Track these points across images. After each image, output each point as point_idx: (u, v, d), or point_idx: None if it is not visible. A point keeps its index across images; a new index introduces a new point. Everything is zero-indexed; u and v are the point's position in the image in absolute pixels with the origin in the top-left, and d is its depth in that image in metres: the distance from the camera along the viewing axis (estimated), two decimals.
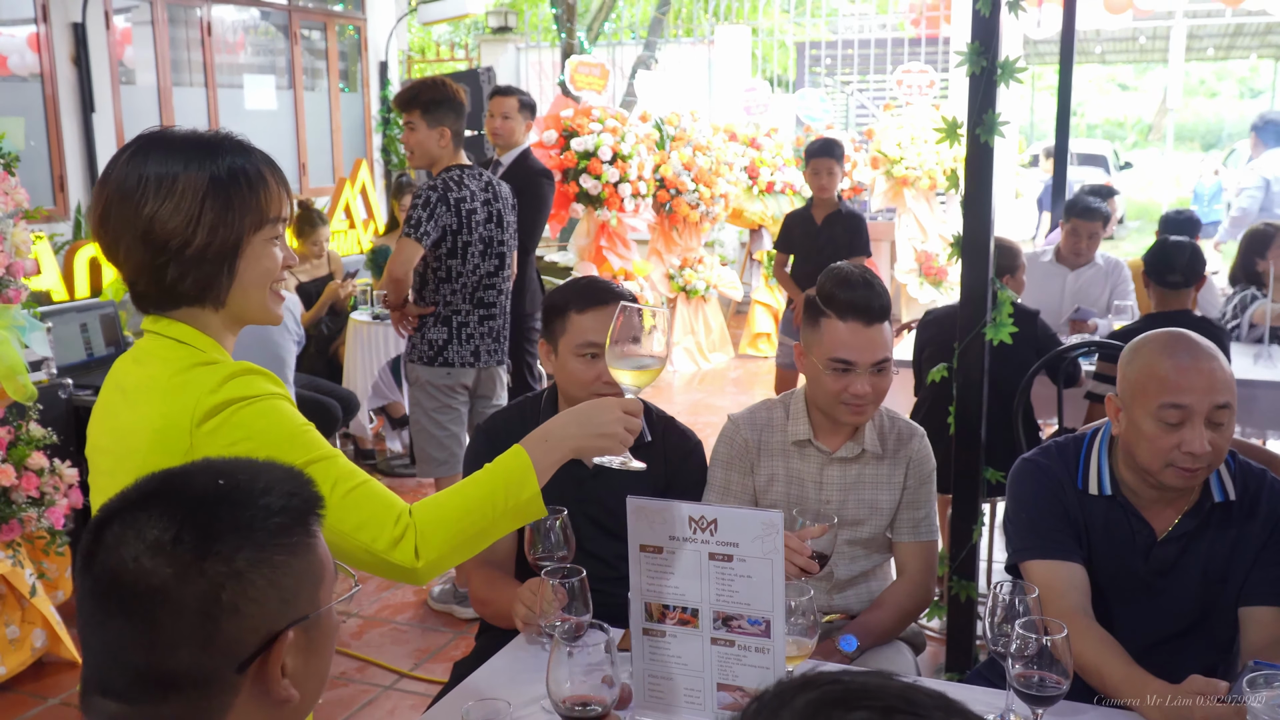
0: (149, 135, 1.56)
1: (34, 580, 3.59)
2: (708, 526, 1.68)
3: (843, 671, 0.79)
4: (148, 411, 1.52)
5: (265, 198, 1.57)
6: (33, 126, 6.45)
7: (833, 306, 2.27)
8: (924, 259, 8.96)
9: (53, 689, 3.62)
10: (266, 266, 1.59)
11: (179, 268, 1.53)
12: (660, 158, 7.93)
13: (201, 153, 1.53)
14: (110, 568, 1.01)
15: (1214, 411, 1.88)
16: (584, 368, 2.27)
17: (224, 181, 1.52)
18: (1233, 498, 1.98)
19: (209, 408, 1.48)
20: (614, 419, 1.64)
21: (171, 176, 1.51)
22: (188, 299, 1.56)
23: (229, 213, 1.53)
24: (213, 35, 7.90)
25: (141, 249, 1.52)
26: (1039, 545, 2.03)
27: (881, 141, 8.93)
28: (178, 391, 1.50)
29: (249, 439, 1.47)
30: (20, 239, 3.64)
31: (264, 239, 1.58)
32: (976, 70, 2.82)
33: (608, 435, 1.64)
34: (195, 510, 1.02)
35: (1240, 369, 4.24)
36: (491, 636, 2.30)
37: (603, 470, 2.31)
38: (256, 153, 1.60)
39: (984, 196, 2.89)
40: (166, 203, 1.50)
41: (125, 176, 1.52)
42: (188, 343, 1.56)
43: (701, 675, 1.75)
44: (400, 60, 10.52)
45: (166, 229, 1.51)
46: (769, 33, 12.30)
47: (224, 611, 1.00)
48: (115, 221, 1.53)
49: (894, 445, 2.39)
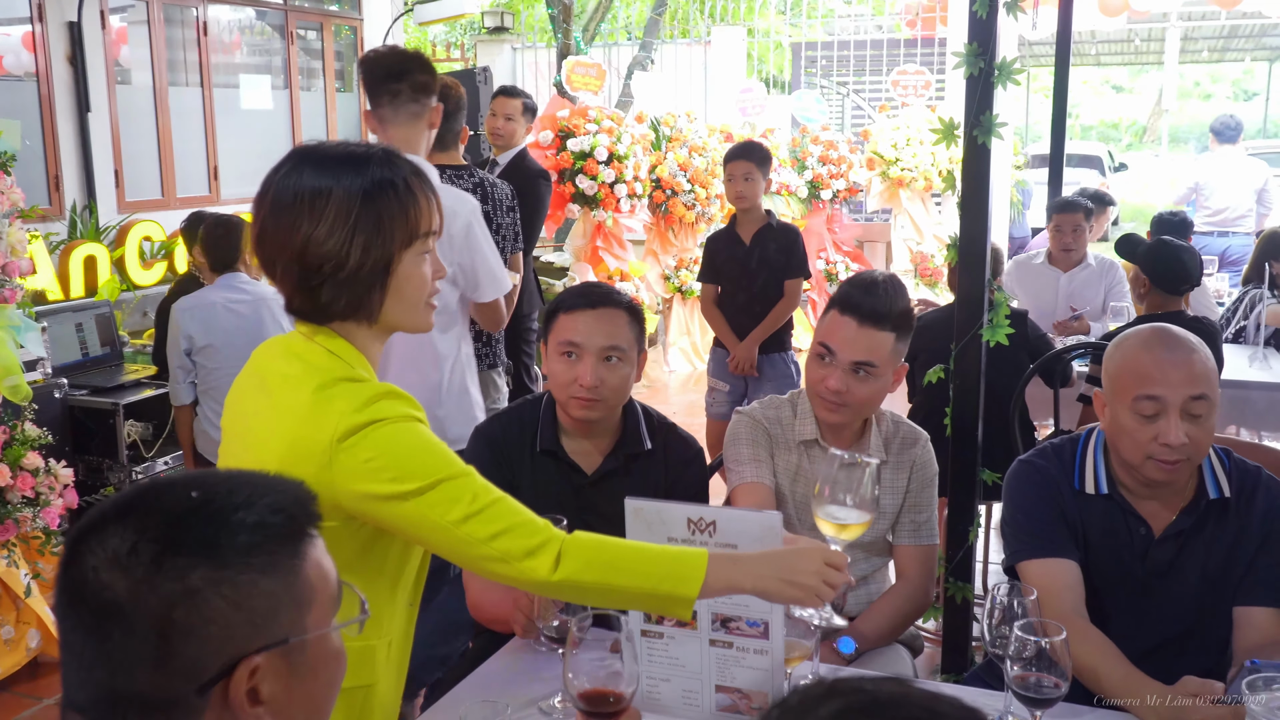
0: (302, 151, 1.60)
1: (29, 580, 3.59)
2: (706, 528, 1.68)
3: (865, 679, 0.78)
4: (290, 421, 1.55)
5: (415, 214, 1.58)
6: (28, 126, 6.43)
7: (838, 299, 2.30)
8: (920, 260, 8.97)
9: (48, 689, 3.61)
10: (418, 282, 1.61)
11: (333, 289, 1.56)
12: (656, 158, 7.93)
13: (352, 168, 1.55)
14: (74, 579, 0.97)
15: (1189, 403, 1.89)
16: (563, 368, 2.22)
17: (374, 200, 1.54)
18: (1228, 494, 1.98)
19: (351, 426, 1.50)
20: (813, 570, 1.56)
21: (324, 195, 1.53)
22: (341, 315, 1.59)
23: (379, 233, 1.55)
24: (209, 35, 7.88)
25: (296, 269, 1.56)
26: (1035, 545, 2.02)
27: (877, 143, 8.94)
28: (323, 406, 1.53)
29: (384, 454, 1.50)
30: (16, 238, 3.63)
31: (415, 254, 1.60)
32: (974, 71, 2.82)
33: (800, 585, 1.55)
34: (160, 523, 0.97)
35: (1237, 371, 4.26)
36: (488, 639, 2.29)
37: (601, 478, 2.32)
38: (405, 165, 1.60)
39: (981, 198, 2.89)
40: (320, 226, 1.53)
41: (279, 195, 1.56)
42: (337, 354, 1.59)
43: (700, 677, 1.75)
44: None
45: (321, 252, 1.53)
46: (765, 34, 12.30)
47: (177, 631, 0.95)
48: (271, 241, 1.57)
49: (899, 449, 2.39)
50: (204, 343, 3.93)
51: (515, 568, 1.49)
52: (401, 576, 1.66)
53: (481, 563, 1.51)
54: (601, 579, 1.51)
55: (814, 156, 8.93)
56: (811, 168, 8.90)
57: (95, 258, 6.15)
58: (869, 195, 9.20)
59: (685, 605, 1.53)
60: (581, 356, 2.21)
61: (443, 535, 1.50)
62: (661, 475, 2.35)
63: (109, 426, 4.57)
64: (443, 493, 1.49)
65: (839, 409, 2.27)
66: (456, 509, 1.49)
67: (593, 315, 2.24)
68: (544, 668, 1.98)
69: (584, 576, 1.50)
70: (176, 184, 7.56)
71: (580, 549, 1.51)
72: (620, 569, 1.52)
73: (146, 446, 4.70)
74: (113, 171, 7.03)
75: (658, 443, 2.38)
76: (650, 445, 2.35)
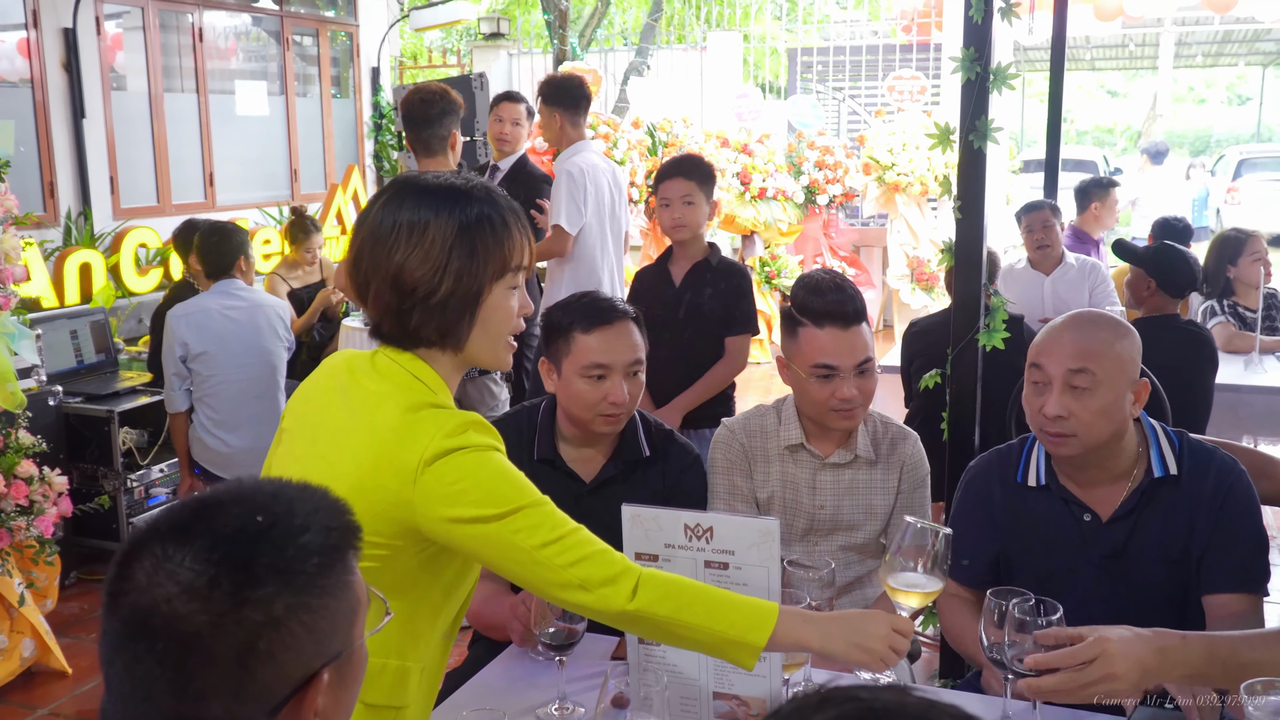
0: (404, 181, 1.63)
1: (23, 589, 3.57)
2: (703, 534, 1.67)
3: (860, 688, 0.78)
4: (378, 438, 1.56)
5: (509, 247, 1.61)
6: (23, 132, 6.42)
7: (808, 314, 2.28)
8: (916, 265, 8.97)
9: (42, 699, 3.60)
10: (504, 315, 1.64)
11: (423, 314, 1.59)
12: (653, 164, 7.94)
13: (452, 201, 1.59)
14: (142, 608, 0.95)
15: (1069, 375, 1.95)
16: (589, 389, 2.24)
17: (471, 230, 1.58)
18: (1174, 472, 1.99)
19: (439, 450, 1.53)
20: (882, 635, 1.59)
21: (423, 224, 1.57)
22: (427, 342, 1.62)
23: (473, 261, 1.58)
24: (204, 41, 7.88)
25: (389, 293, 1.59)
26: (960, 574, 2.07)
27: (874, 148, 8.95)
28: (412, 428, 1.55)
29: (469, 479, 1.53)
30: (10, 245, 3.62)
31: (505, 287, 1.63)
32: (970, 76, 2.82)
33: (868, 650, 1.58)
34: (232, 551, 0.97)
35: (1232, 375, 4.26)
36: (485, 646, 2.28)
37: (600, 485, 2.32)
38: (503, 201, 1.64)
39: (977, 202, 2.89)
40: (416, 251, 1.56)
41: (380, 222, 1.59)
42: (422, 379, 1.62)
43: (697, 684, 1.74)
44: (392, 66, 10.51)
45: (414, 276, 1.57)
46: (760, 39, 12.31)
47: (259, 660, 0.95)
48: (367, 265, 1.60)
49: (887, 449, 2.39)
50: (199, 349, 3.93)
51: (593, 594, 1.53)
52: (445, 605, 1.68)
53: (559, 588, 1.54)
54: (674, 615, 1.54)
55: (810, 162, 8.93)
56: (808, 173, 8.91)
57: (90, 264, 6.13)
58: (865, 200, 9.20)
59: (751, 654, 1.54)
60: (609, 375, 2.23)
61: (522, 558, 1.53)
62: (660, 482, 2.35)
63: (104, 434, 4.55)
64: (524, 518, 1.53)
65: (855, 412, 2.29)
66: (537, 535, 1.53)
67: (612, 332, 2.25)
68: (541, 675, 1.97)
69: (658, 610, 1.53)
70: (172, 190, 7.55)
71: (657, 583, 1.55)
72: (693, 608, 1.54)
73: (141, 454, 4.69)
74: (108, 178, 7.01)
75: (656, 450, 2.38)
76: (649, 452, 2.35)
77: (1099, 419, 1.94)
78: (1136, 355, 2.01)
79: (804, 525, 2.37)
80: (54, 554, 3.67)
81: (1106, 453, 2.00)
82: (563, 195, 4.55)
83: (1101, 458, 2.01)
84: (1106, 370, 1.94)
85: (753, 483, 2.38)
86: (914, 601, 1.69)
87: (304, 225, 5.99)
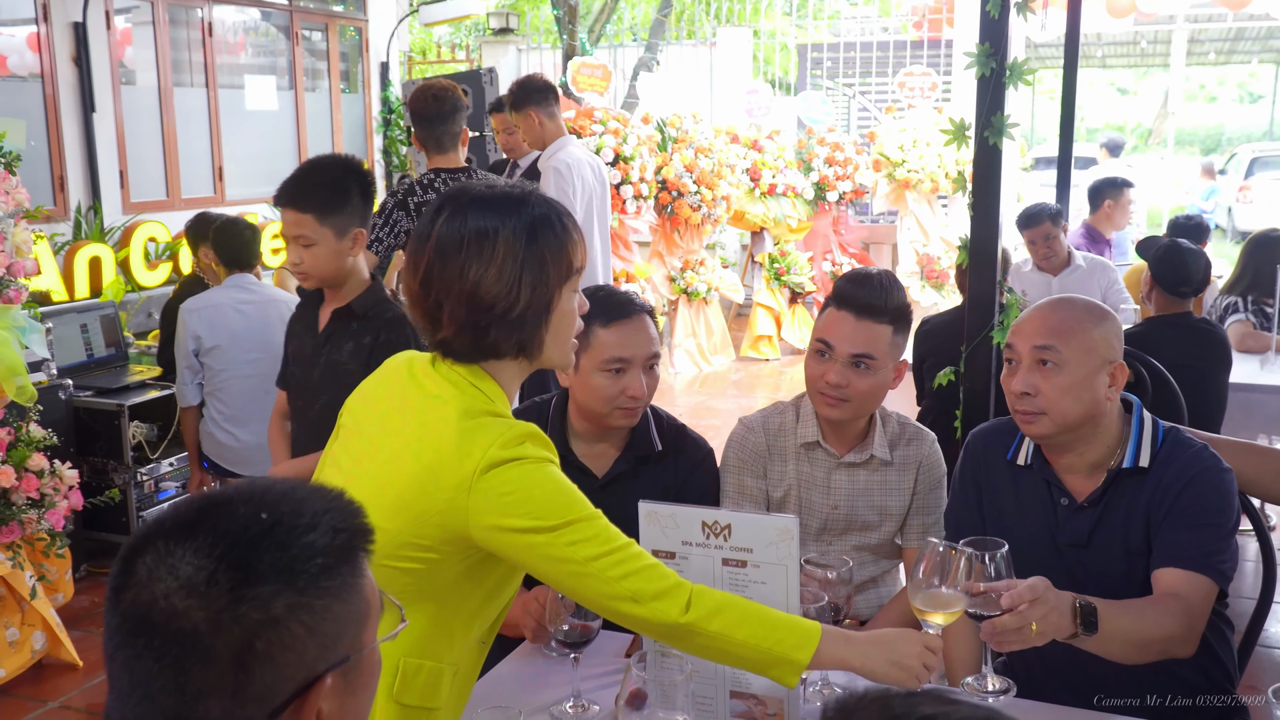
0: (459, 193, 1.62)
1: (34, 582, 3.57)
2: (721, 532, 1.66)
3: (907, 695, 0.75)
4: (434, 443, 1.56)
5: (571, 249, 1.63)
6: (33, 126, 6.42)
7: (835, 295, 2.29)
8: (926, 262, 8.94)
9: (52, 692, 3.60)
10: (572, 318, 1.66)
11: (502, 329, 1.59)
12: (662, 159, 7.92)
13: (514, 210, 1.59)
14: (141, 603, 0.93)
15: (1036, 351, 1.97)
16: (608, 383, 2.23)
17: (536, 239, 1.59)
18: (1144, 464, 1.98)
19: (495, 459, 1.53)
20: (916, 653, 1.62)
21: (492, 236, 1.57)
22: (506, 354, 1.62)
23: (544, 271, 1.59)
24: (214, 36, 7.87)
25: (465, 311, 1.58)
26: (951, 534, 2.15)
27: (884, 144, 8.92)
28: (469, 435, 1.55)
29: (523, 490, 1.53)
30: (21, 239, 3.62)
31: (570, 290, 1.65)
32: (985, 72, 2.81)
33: (903, 667, 1.61)
34: (234, 548, 0.95)
35: (1247, 374, 4.23)
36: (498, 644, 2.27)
37: (611, 481, 2.31)
38: (557, 205, 1.65)
39: (992, 199, 2.88)
40: (490, 267, 1.56)
41: (445, 239, 1.58)
42: (481, 388, 1.62)
43: (714, 683, 1.73)
44: (401, 61, 10.50)
45: (491, 293, 1.57)
46: (770, 35, 12.29)
47: (258, 661, 0.93)
48: (437, 286, 1.59)
49: (904, 450, 2.37)
50: (211, 344, 3.92)
51: (646, 607, 1.53)
52: (484, 611, 1.68)
53: (611, 600, 1.54)
54: (725, 630, 1.55)
55: (820, 158, 8.91)
56: (817, 169, 8.89)
57: (100, 259, 6.14)
58: (875, 197, 9.17)
59: (795, 671, 1.57)
60: (628, 370, 2.22)
61: (574, 569, 1.54)
62: (671, 477, 2.35)
63: (114, 428, 4.55)
64: (577, 531, 1.54)
65: (839, 404, 2.26)
66: (590, 547, 1.53)
67: (631, 326, 2.25)
68: (554, 673, 1.96)
69: (710, 625, 1.54)
70: (181, 185, 7.54)
71: (708, 598, 1.56)
72: (744, 625, 1.55)
73: (151, 448, 4.68)
74: (117, 172, 7.01)
75: (668, 445, 2.37)
76: (661, 447, 2.34)
77: (1064, 397, 1.94)
78: (1113, 338, 2.00)
79: (818, 524, 2.35)
80: (64, 547, 3.67)
81: (1081, 436, 1.99)
82: (552, 192, 4.56)
83: (1077, 441, 2.00)
84: (1073, 349, 1.95)
85: (766, 482, 2.37)
86: (940, 620, 1.70)
87: None
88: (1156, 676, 1.96)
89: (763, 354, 8.80)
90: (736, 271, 9.69)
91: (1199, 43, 15.51)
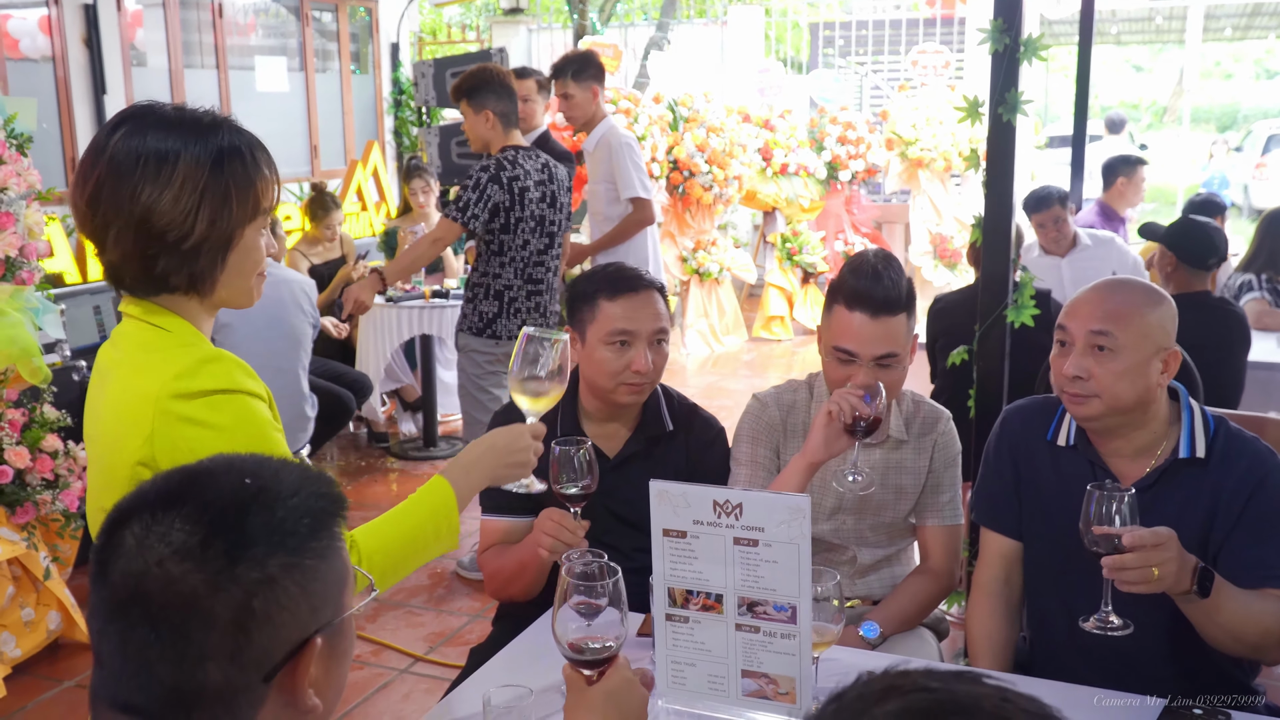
0: (141, 110, 1.50)
1: (48, 563, 3.59)
2: (733, 510, 1.65)
3: (929, 675, 0.73)
4: (115, 388, 1.51)
5: (261, 188, 1.53)
6: (44, 108, 6.42)
7: (843, 293, 2.21)
8: (939, 241, 8.90)
9: (67, 672, 3.62)
10: (255, 257, 1.58)
11: (170, 260, 1.49)
12: (674, 139, 7.88)
13: (200, 135, 1.48)
14: (133, 573, 0.93)
15: (1091, 336, 1.94)
16: (613, 356, 2.22)
17: (223, 171, 1.48)
18: (1200, 455, 1.95)
19: (179, 391, 1.46)
20: (527, 445, 1.74)
21: (172, 160, 1.45)
22: (174, 289, 1.53)
23: (227, 205, 1.49)
24: (224, 17, 7.86)
25: (133, 237, 1.47)
26: (983, 512, 2.18)
27: (896, 123, 8.86)
28: (147, 369, 1.48)
29: (211, 429, 1.46)
30: (33, 221, 3.62)
31: (255, 229, 1.56)
32: (999, 48, 2.78)
33: (522, 463, 1.73)
34: (224, 512, 0.96)
35: (1267, 353, 4.20)
36: (508, 623, 2.28)
37: (623, 462, 2.30)
38: (251, 137, 1.55)
39: (1005, 177, 2.85)
40: (166, 192, 1.45)
41: (119, 156, 1.46)
42: (166, 329, 1.53)
43: (725, 662, 1.72)
44: (411, 42, 10.46)
45: (164, 220, 1.45)
46: (782, 13, 12.21)
47: (256, 621, 0.94)
48: (107, 204, 1.47)
49: (919, 429, 2.35)
50: (224, 322, 3.92)
51: None
52: None
53: None
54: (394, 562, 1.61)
55: (832, 137, 8.85)
56: (830, 148, 8.83)
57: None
58: (887, 176, 9.12)
59: (454, 535, 1.67)
60: (633, 343, 2.21)
61: None
62: (683, 457, 2.34)
63: None
64: None
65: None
66: None
67: (638, 300, 2.24)
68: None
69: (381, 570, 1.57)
70: None
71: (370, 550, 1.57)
72: (406, 545, 1.62)
73: None
74: None
75: (679, 424, 2.36)
76: (672, 427, 2.34)
77: (1119, 381, 1.91)
78: (1168, 324, 1.96)
79: (832, 503, 2.34)
80: (79, 528, 3.69)
81: (1131, 421, 1.96)
82: (630, 165, 4.67)
83: (1125, 426, 1.97)
84: (1130, 334, 1.91)
85: (780, 459, 2.35)
86: (536, 405, 1.82)
87: (324, 201, 5.98)
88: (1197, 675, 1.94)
89: (775, 334, 8.78)
90: (748, 251, 9.66)
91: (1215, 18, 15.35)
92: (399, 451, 5.93)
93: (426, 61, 6.29)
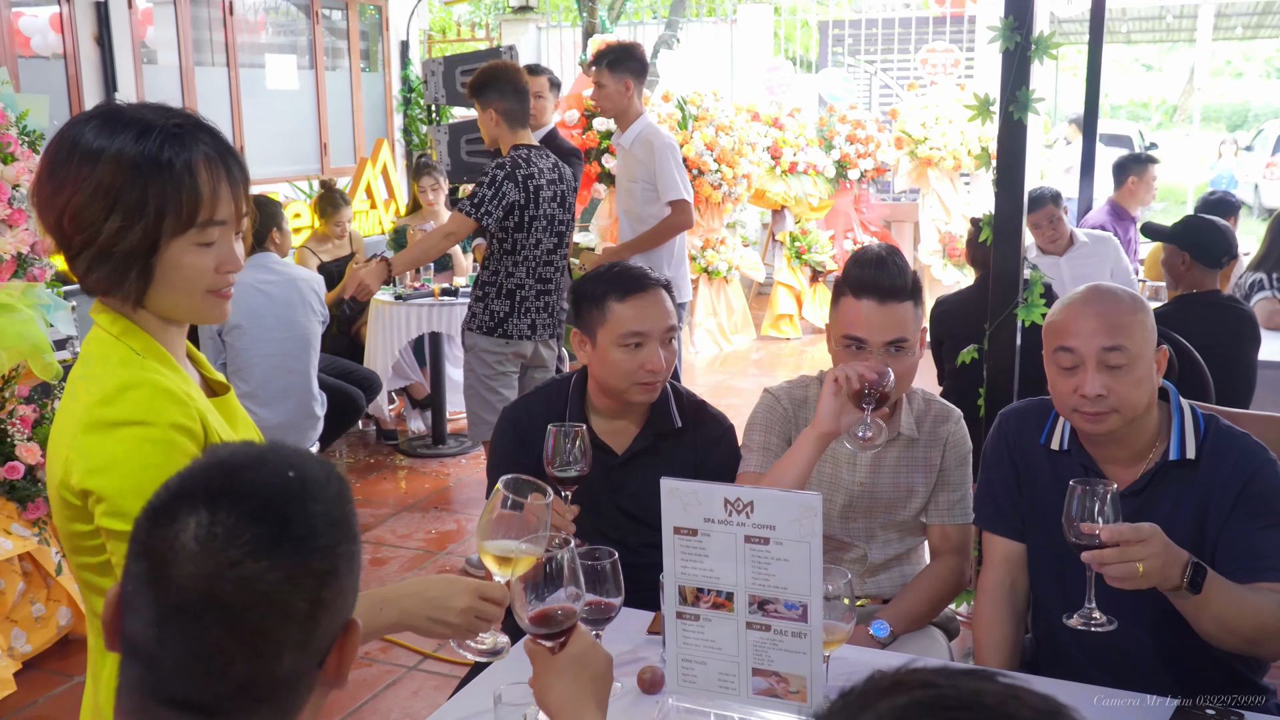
0: (113, 106, 1.42)
1: (59, 558, 3.60)
2: (744, 508, 1.65)
3: (938, 672, 0.73)
4: (60, 406, 1.48)
5: (193, 200, 1.39)
6: (56, 106, 6.43)
7: (849, 283, 2.22)
8: (948, 240, 8.88)
9: (78, 667, 3.63)
10: (189, 274, 1.42)
11: (85, 262, 1.40)
12: (683, 138, 7.88)
13: (136, 140, 1.37)
14: (204, 575, 0.92)
15: (1103, 354, 1.90)
16: (627, 358, 2.22)
17: (144, 179, 1.36)
18: (1190, 456, 1.94)
19: (91, 420, 1.38)
20: (463, 608, 1.57)
21: (94, 159, 1.37)
22: (97, 292, 1.44)
23: (142, 215, 1.37)
24: (234, 15, 7.87)
25: (56, 232, 1.41)
26: (984, 515, 2.18)
27: (906, 121, 8.85)
28: (75, 392, 1.44)
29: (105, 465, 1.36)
30: None
31: (189, 243, 1.41)
32: (1010, 46, 2.77)
33: (444, 623, 1.58)
34: (285, 506, 0.96)
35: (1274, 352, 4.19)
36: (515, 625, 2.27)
37: (631, 458, 2.30)
38: (202, 144, 1.41)
39: (1016, 175, 2.84)
40: (81, 192, 1.36)
41: (59, 147, 1.40)
42: (120, 337, 1.45)
43: (736, 660, 1.72)
44: (421, 40, 10.47)
45: (78, 220, 1.38)
46: (791, 11, 12.19)
47: (325, 610, 0.97)
48: (40, 197, 1.42)
49: (930, 427, 2.35)
50: (234, 322, 3.94)
51: None
52: None
53: None
54: None
55: (841, 136, 8.85)
56: (839, 147, 8.82)
57: None
58: (897, 175, 9.11)
59: None
60: (646, 343, 2.21)
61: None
62: (691, 454, 2.34)
63: None
64: None
65: None
66: None
67: (648, 300, 2.24)
68: None
69: None
70: None
71: None
72: None
73: None
74: None
75: (688, 421, 2.36)
76: (680, 424, 2.34)
77: (1135, 391, 1.91)
78: (1154, 323, 1.97)
79: (843, 501, 2.34)
80: None
81: (1131, 427, 1.96)
82: (672, 167, 4.66)
83: (1126, 433, 1.96)
84: (1136, 342, 1.91)
85: None
86: (506, 569, 1.62)
87: (333, 199, 5.99)
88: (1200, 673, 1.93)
89: (784, 333, 8.77)
90: (757, 250, 9.65)
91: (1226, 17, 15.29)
92: (407, 449, 5.94)
93: (436, 59, 6.29)
